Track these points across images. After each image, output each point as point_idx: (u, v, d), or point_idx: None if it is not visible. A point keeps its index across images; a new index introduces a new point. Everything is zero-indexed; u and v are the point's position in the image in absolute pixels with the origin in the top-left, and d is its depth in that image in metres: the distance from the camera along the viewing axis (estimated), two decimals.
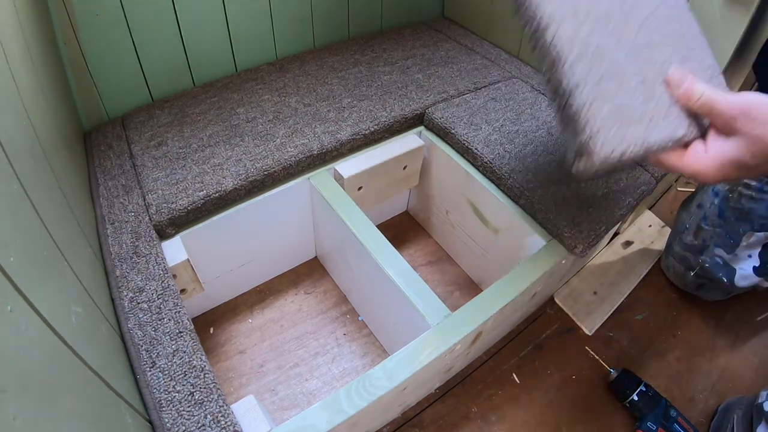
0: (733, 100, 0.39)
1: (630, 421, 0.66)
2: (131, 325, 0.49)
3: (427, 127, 0.81)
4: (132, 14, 0.70)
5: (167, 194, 0.62)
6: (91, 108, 0.74)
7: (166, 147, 0.69)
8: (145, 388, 0.45)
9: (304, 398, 0.67)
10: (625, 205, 0.67)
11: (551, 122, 0.79)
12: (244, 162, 0.67)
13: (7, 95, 0.39)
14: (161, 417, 0.43)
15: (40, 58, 0.54)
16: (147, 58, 0.75)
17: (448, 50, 0.95)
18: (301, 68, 0.87)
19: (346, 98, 0.80)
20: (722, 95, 0.40)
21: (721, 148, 0.40)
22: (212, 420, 0.43)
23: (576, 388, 0.69)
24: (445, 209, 0.85)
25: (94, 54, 0.70)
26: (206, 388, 0.45)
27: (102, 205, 0.61)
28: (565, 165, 0.71)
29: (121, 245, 0.57)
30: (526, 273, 0.61)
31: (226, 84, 0.82)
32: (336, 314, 0.78)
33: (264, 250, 0.76)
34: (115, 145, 0.70)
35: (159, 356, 0.47)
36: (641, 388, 0.65)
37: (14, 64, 0.43)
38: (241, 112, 0.76)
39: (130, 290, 0.52)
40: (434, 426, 0.64)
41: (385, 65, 0.89)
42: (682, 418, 0.63)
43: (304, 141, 0.71)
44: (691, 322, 0.79)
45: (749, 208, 0.68)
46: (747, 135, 0.37)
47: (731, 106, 0.39)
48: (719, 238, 0.71)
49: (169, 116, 0.75)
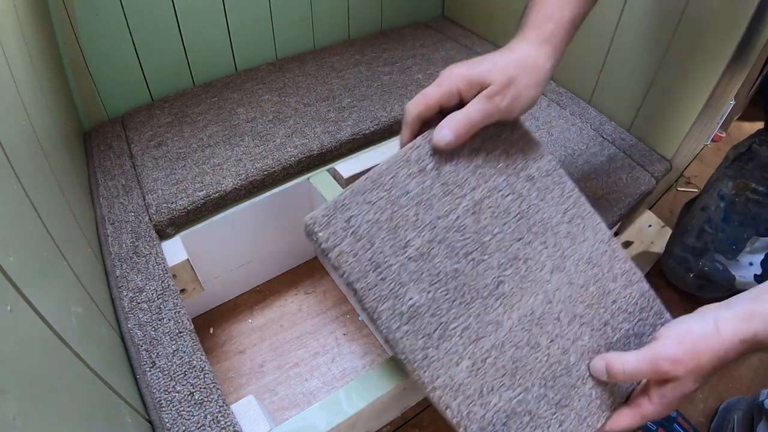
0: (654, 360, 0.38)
1: None
2: (131, 325, 0.49)
3: None
4: (132, 14, 0.70)
5: (167, 194, 0.62)
6: (91, 108, 0.74)
7: (166, 147, 0.69)
8: (145, 388, 0.45)
9: (304, 398, 0.67)
10: (625, 205, 0.67)
11: (551, 122, 0.79)
12: (244, 162, 0.67)
13: (7, 95, 0.39)
14: (161, 417, 0.43)
15: (40, 58, 0.54)
16: (147, 58, 0.75)
17: (448, 50, 0.95)
18: (301, 68, 0.87)
19: (346, 98, 0.80)
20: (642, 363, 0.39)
21: (664, 395, 0.40)
22: (212, 420, 0.43)
23: None
24: None
25: (94, 54, 0.70)
26: (206, 388, 0.45)
27: (102, 205, 0.61)
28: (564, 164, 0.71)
29: (121, 245, 0.57)
30: None
31: (226, 84, 0.82)
32: (336, 314, 0.78)
33: (264, 250, 0.76)
34: (115, 145, 0.70)
35: (159, 356, 0.47)
36: None
37: (14, 64, 0.43)
38: (241, 112, 0.76)
39: (130, 290, 0.52)
40: (434, 426, 0.64)
41: (385, 65, 0.89)
42: (682, 418, 0.63)
43: (304, 141, 0.71)
44: None
45: (755, 213, 0.68)
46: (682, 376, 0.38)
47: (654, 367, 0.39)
48: (720, 243, 0.71)
49: (169, 116, 0.75)
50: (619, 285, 0.45)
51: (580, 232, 0.46)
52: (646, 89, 0.76)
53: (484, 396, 0.40)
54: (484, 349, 0.41)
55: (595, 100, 0.85)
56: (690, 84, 0.71)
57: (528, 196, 0.45)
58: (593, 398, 0.42)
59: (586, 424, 0.41)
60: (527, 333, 0.42)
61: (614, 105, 0.82)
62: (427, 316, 0.40)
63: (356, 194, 0.41)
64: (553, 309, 0.43)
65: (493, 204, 0.44)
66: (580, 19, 0.46)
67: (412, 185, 0.42)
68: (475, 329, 0.41)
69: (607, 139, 0.78)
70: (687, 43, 0.68)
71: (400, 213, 0.42)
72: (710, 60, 0.67)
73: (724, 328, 0.37)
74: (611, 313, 0.44)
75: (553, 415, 0.41)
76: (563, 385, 0.42)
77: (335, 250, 0.40)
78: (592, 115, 0.82)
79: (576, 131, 0.78)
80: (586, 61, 0.82)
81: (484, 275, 0.42)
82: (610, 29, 0.76)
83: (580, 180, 0.70)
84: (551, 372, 0.42)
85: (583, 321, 0.43)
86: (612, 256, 0.46)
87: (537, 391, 0.41)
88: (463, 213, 0.43)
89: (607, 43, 0.78)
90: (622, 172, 0.72)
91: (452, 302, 0.41)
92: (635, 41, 0.74)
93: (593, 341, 0.43)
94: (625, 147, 0.77)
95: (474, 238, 0.43)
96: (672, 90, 0.73)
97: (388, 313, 0.40)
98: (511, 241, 0.44)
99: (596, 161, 0.74)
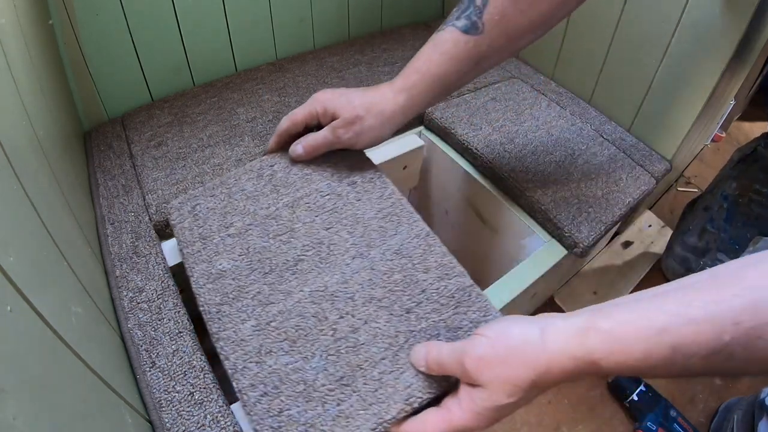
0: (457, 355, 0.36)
1: (630, 421, 0.66)
2: (131, 325, 0.49)
3: (426, 127, 0.81)
4: (132, 14, 0.70)
5: (167, 194, 0.62)
6: (91, 108, 0.74)
7: (166, 147, 0.69)
8: (145, 388, 0.45)
9: None
10: (625, 205, 0.67)
11: (551, 122, 0.79)
12: (243, 162, 0.67)
13: (7, 95, 0.39)
14: (161, 417, 0.43)
15: (40, 58, 0.54)
16: (147, 58, 0.75)
17: None
18: (301, 68, 0.87)
19: None
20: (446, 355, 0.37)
21: (473, 399, 0.35)
22: (212, 420, 0.43)
23: (576, 388, 0.69)
24: (444, 209, 0.85)
25: (94, 54, 0.70)
26: (206, 388, 0.45)
27: (102, 205, 0.61)
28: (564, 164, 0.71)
29: (120, 245, 0.57)
30: (525, 273, 0.61)
31: (226, 84, 0.82)
32: None
33: None
34: (115, 145, 0.70)
35: (159, 356, 0.47)
36: (641, 388, 0.65)
37: (14, 64, 0.43)
38: (241, 112, 0.76)
39: (130, 290, 0.52)
40: None
41: (385, 65, 0.89)
42: (682, 418, 0.63)
43: None
44: None
45: (759, 213, 0.68)
46: (491, 382, 0.34)
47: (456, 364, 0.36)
48: (723, 243, 0.71)
49: (169, 116, 0.75)
50: (432, 277, 0.47)
51: (393, 227, 0.51)
52: (646, 89, 0.76)
53: (262, 356, 0.43)
54: (271, 314, 0.45)
55: (595, 100, 0.85)
56: (690, 84, 0.71)
57: (345, 197, 0.53)
58: (383, 384, 0.40)
59: (372, 412, 0.39)
60: (316, 306, 0.45)
61: (614, 105, 0.82)
62: (230, 279, 0.47)
63: (206, 189, 0.54)
64: (349, 289, 0.46)
65: (310, 201, 0.53)
66: (451, 78, 0.50)
67: (248, 186, 0.54)
68: (267, 295, 0.46)
69: (607, 139, 0.78)
70: (687, 43, 0.68)
71: (232, 204, 0.53)
72: (710, 60, 0.67)
73: (552, 339, 0.32)
74: (417, 301, 0.45)
75: (330, 391, 0.40)
76: (347, 363, 0.42)
77: (178, 226, 0.52)
78: (592, 115, 0.82)
79: (576, 131, 0.78)
80: (586, 61, 0.82)
81: (286, 253, 0.49)
82: (611, 29, 0.76)
83: (580, 180, 0.70)
84: (336, 347, 0.43)
85: (381, 305, 0.45)
86: (427, 250, 0.49)
87: (316, 363, 0.42)
88: (282, 206, 0.52)
89: (607, 43, 0.78)
90: (622, 172, 0.72)
91: (252, 271, 0.48)
92: (635, 41, 0.74)
93: (390, 326, 0.44)
94: (625, 147, 0.77)
95: (287, 225, 0.51)
96: (672, 90, 0.73)
97: (200, 273, 0.48)
98: (320, 229, 0.50)
99: (596, 161, 0.74)
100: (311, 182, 0.54)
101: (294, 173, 0.55)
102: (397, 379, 0.41)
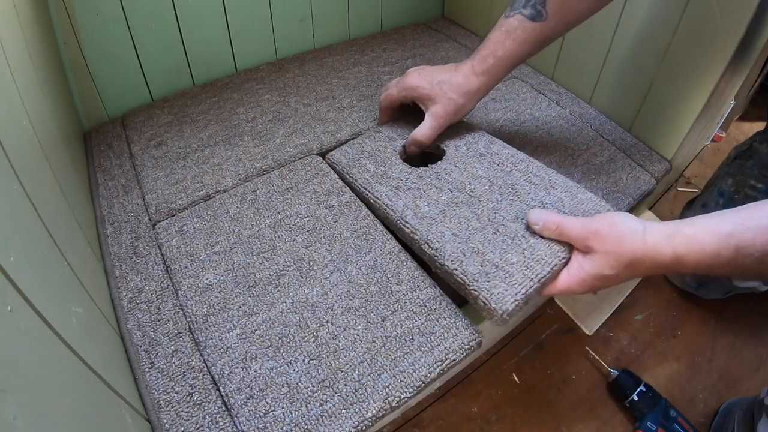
0: (584, 225, 0.46)
1: (630, 421, 0.66)
2: (130, 325, 0.49)
3: None
4: (132, 14, 0.70)
5: (167, 194, 0.62)
6: (91, 108, 0.74)
7: (166, 147, 0.69)
8: (144, 388, 0.45)
9: None
10: (625, 205, 0.67)
11: (551, 122, 0.79)
12: (243, 162, 0.67)
13: (7, 95, 0.39)
14: (160, 417, 0.43)
15: (40, 58, 0.54)
16: (147, 58, 0.75)
17: (448, 50, 0.95)
18: (301, 68, 0.87)
19: (346, 98, 0.80)
20: (575, 222, 0.47)
21: (581, 266, 0.46)
22: (211, 421, 0.43)
23: (576, 388, 0.69)
24: None
25: (94, 54, 0.70)
26: (205, 389, 0.45)
27: (102, 205, 0.61)
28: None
29: (120, 245, 0.57)
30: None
31: (226, 84, 0.82)
32: None
33: None
34: (115, 145, 0.70)
35: (158, 357, 0.47)
36: (641, 388, 0.65)
37: (14, 64, 0.43)
38: (240, 112, 0.76)
39: (130, 290, 0.52)
40: (434, 426, 0.64)
41: (385, 65, 0.89)
42: (682, 418, 0.63)
43: (303, 141, 0.71)
44: (691, 322, 0.79)
45: None
46: (600, 252, 0.44)
47: (582, 231, 0.46)
48: None
49: (169, 116, 0.75)
50: (405, 288, 0.52)
51: (367, 245, 0.56)
52: (646, 89, 0.76)
53: (248, 362, 0.46)
54: (255, 323, 0.48)
55: (595, 100, 0.85)
56: (690, 84, 0.71)
57: (323, 219, 0.58)
58: (362, 385, 0.44)
59: (353, 410, 0.42)
60: (298, 315, 0.49)
61: (614, 105, 0.82)
62: (216, 292, 0.51)
63: (192, 212, 0.60)
64: (329, 300, 0.50)
65: (291, 222, 0.58)
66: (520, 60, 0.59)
67: (232, 208, 0.60)
68: (251, 306, 0.50)
69: (607, 139, 0.78)
70: (687, 43, 0.68)
71: (217, 224, 0.58)
72: (710, 60, 0.67)
73: (650, 235, 0.42)
74: (392, 310, 0.50)
75: (313, 392, 0.44)
76: (328, 367, 0.45)
77: (165, 245, 0.56)
78: (592, 115, 0.82)
79: (576, 131, 0.78)
80: (586, 61, 0.82)
81: (269, 269, 0.53)
82: (611, 29, 0.76)
83: (580, 180, 0.70)
84: (317, 352, 0.46)
85: (359, 313, 0.49)
86: (400, 265, 0.54)
87: (300, 367, 0.45)
88: (264, 227, 0.58)
89: (607, 43, 0.78)
90: (622, 172, 0.72)
91: (237, 285, 0.52)
92: (635, 41, 0.74)
93: (368, 332, 0.48)
94: (625, 147, 0.77)
95: (269, 244, 0.56)
96: (672, 90, 0.73)
97: (188, 287, 0.52)
98: (300, 247, 0.55)
99: (596, 161, 0.74)
100: (291, 206, 0.60)
101: (275, 198, 0.61)
102: (376, 380, 0.44)
